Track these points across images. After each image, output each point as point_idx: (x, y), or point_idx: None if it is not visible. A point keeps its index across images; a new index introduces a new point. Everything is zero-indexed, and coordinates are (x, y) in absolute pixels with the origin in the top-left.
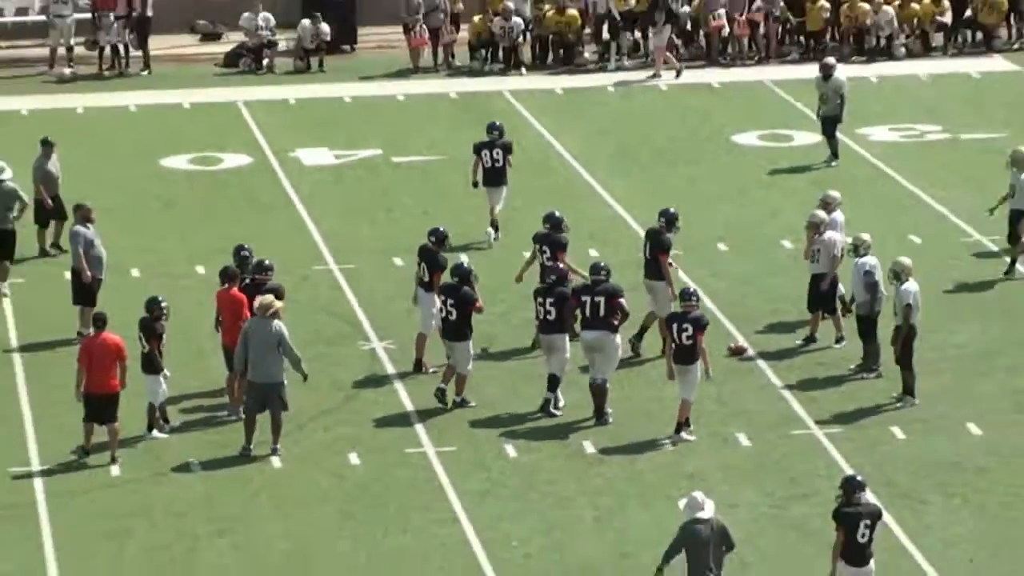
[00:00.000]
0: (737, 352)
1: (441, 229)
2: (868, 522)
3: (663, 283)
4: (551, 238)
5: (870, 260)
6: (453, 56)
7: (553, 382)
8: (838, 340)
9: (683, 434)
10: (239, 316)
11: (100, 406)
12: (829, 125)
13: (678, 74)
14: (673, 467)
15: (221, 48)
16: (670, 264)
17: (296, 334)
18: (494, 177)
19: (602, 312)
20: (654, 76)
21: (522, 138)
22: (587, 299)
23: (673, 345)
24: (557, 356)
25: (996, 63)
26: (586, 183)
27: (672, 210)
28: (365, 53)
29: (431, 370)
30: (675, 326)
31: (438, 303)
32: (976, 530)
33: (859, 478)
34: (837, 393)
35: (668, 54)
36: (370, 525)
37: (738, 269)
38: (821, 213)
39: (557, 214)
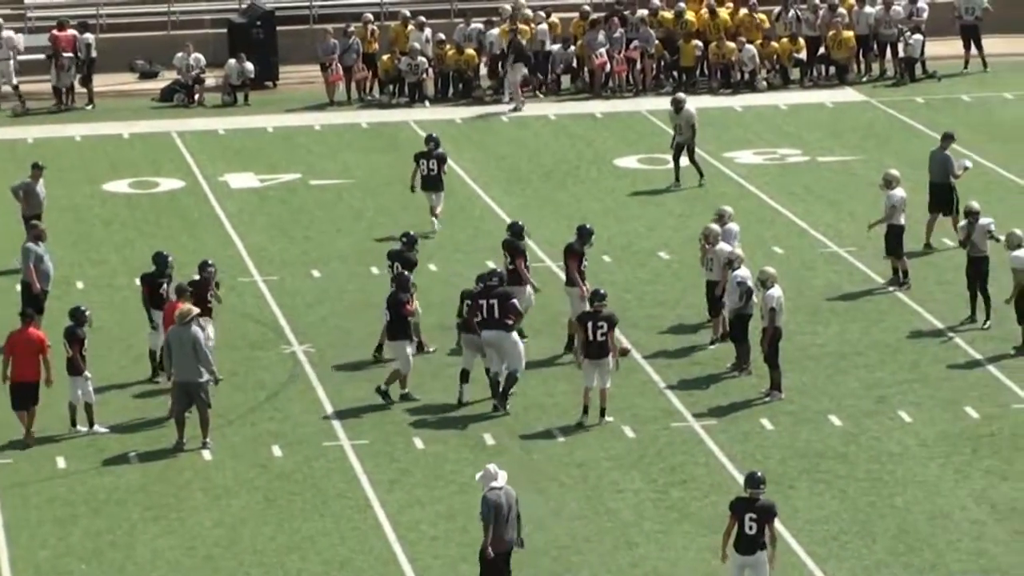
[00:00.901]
0: (622, 353)
1: (412, 233)
2: (754, 515)
3: (576, 289)
4: (512, 245)
5: (742, 272)
6: (364, 91)
7: (466, 375)
8: (713, 342)
9: (607, 418)
10: None
11: (23, 393)
12: (688, 152)
13: (517, 109)
14: (564, 457)
15: (157, 85)
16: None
17: (224, 339)
18: (430, 183)
19: (496, 313)
20: (515, 110)
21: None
22: (483, 302)
23: (586, 341)
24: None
25: (848, 94)
26: (483, 202)
27: (588, 226)
28: (286, 88)
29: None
30: (589, 324)
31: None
32: (839, 511)
33: (758, 474)
34: (712, 389)
35: (520, 90)
36: (291, 511)
37: (620, 278)
38: (714, 226)
39: (520, 223)
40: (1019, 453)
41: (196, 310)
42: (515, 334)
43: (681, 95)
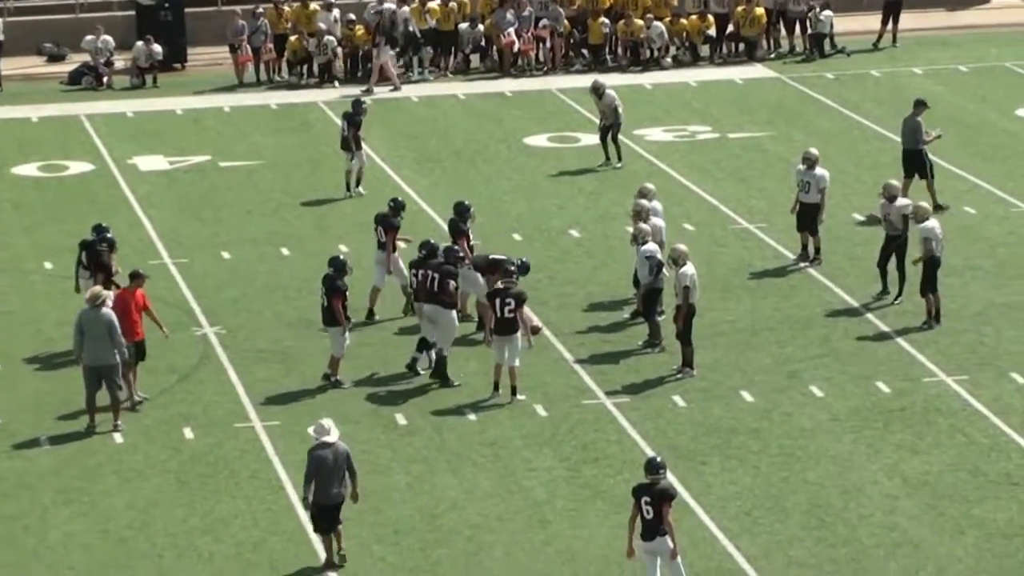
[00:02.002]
0: (533, 331)
1: (399, 199)
2: (648, 499)
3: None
4: (453, 224)
5: (650, 247)
6: (273, 71)
7: (423, 344)
8: (634, 315)
9: (519, 396)
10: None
11: None
12: (614, 132)
13: (395, 88)
14: (476, 436)
15: (65, 68)
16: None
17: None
18: (343, 144)
19: (436, 287)
20: (394, 89)
21: (336, 144)
22: (428, 273)
23: (495, 318)
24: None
25: (757, 71)
26: (393, 182)
27: (466, 203)
28: (194, 70)
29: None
30: (498, 301)
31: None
32: (752, 486)
33: (658, 459)
34: (623, 366)
35: (391, 70)
36: (204, 493)
37: (531, 256)
38: (644, 202)
39: (466, 203)
40: (930, 427)
41: (108, 292)
42: (452, 312)
43: (600, 81)
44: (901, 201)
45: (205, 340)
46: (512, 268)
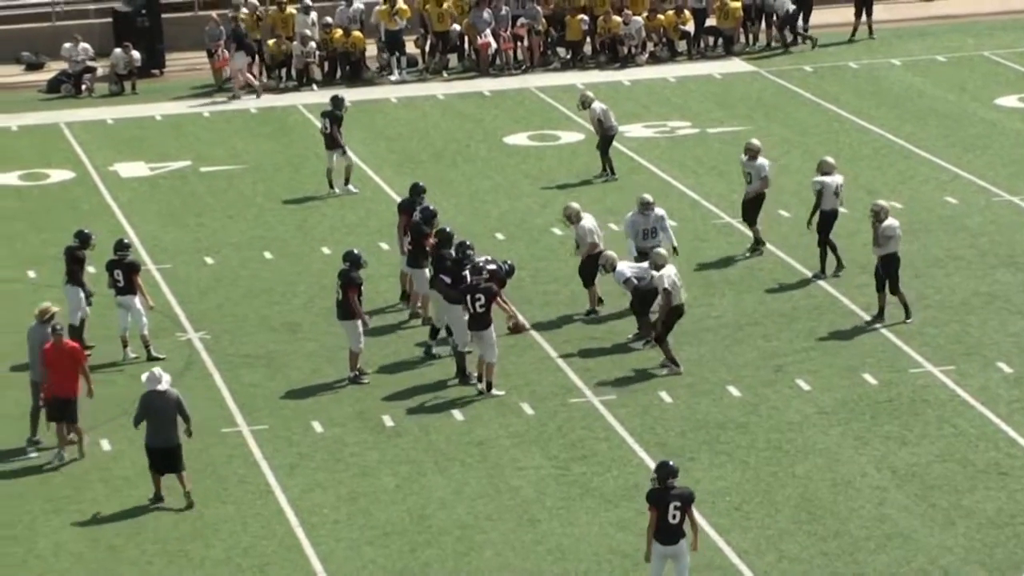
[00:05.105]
0: (517, 330)
1: (420, 183)
2: (678, 504)
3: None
4: (415, 227)
5: (620, 271)
6: (254, 75)
7: (433, 331)
8: (588, 313)
9: (494, 391)
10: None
11: None
12: (603, 145)
13: (257, 95)
14: (464, 436)
15: (44, 76)
16: None
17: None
18: (326, 142)
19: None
20: (232, 98)
21: (316, 147)
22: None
23: (467, 314)
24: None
25: (735, 65)
26: (374, 184)
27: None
28: (173, 76)
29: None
30: (468, 297)
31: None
32: (741, 481)
33: (672, 464)
34: (609, 362)
35: (249, 76)
36: (193, 497)
37: (514, 255)
38: (574, 204)
39: (431, 207)
40: (917, 418)
41: (56, 308)
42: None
43: (586, 95)
44: (838, 178)
45: (190, 345)
46: (480, 265)
